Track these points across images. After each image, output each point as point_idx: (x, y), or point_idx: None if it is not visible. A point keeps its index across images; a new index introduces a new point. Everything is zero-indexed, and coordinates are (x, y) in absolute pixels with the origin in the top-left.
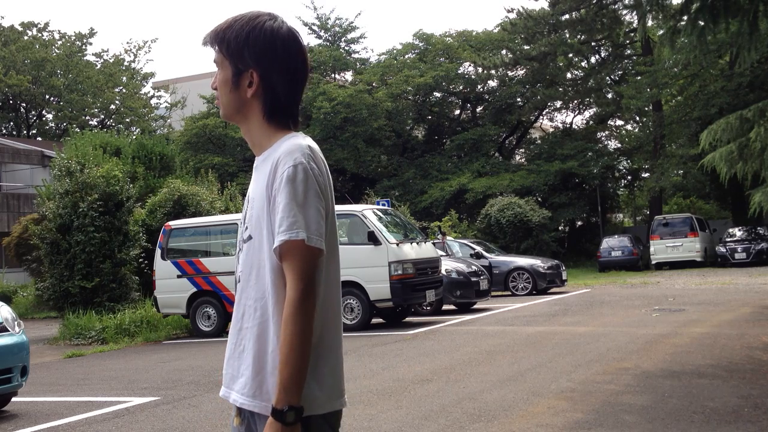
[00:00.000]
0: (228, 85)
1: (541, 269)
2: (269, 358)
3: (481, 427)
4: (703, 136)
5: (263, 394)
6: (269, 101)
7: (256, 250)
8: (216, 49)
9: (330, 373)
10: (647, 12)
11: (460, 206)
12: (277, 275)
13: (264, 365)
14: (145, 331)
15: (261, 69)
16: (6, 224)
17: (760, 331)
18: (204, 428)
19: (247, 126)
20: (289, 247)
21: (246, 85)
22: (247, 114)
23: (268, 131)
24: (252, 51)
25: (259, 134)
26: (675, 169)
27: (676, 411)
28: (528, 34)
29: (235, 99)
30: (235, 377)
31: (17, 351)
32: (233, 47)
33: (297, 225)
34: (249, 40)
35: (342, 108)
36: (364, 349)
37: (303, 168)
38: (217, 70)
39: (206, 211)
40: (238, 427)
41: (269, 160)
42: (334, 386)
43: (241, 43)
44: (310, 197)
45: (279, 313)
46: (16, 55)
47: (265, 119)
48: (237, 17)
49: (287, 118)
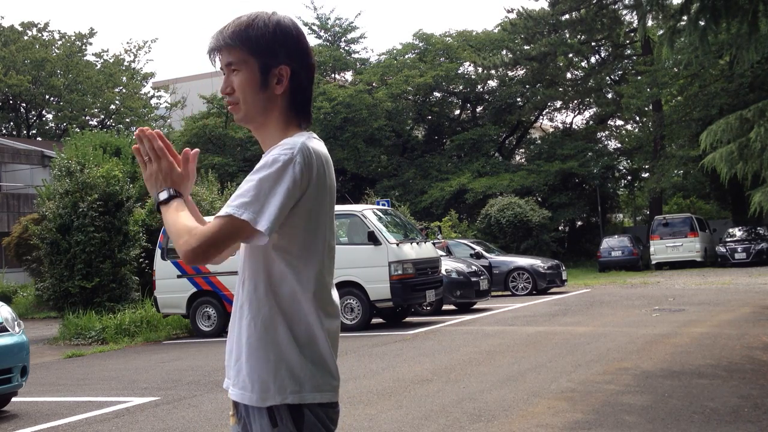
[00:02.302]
0: (255, 85)
1: (541, 269)
2: (245, 344)
3: (481, 427)
4: (703, 136)
5: (240, 381)
6: (298, 97)
7: (256, 251)
8: (239, 49)
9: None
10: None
11: (460, 206)
12: (254, 261)
13: (241, 352)
14: (145, 331)
15: (293, 64)
16: (6, 224)
17: (760, 331)
18: (204, 428)
19: (266, 126)
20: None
21: (274, 82)
22: (270, 113)
23: (283, 130)
24: (284, 46)
25: (274, 133)
26: (675, 170)
27: (676, 411)
28: (528, 34)
29: (262, 98)
30: (229, 368)
31: (17, 351)
32: (263, 44)
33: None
34: (278, 36)
35: (342, 108)
36: (364, 349)
37: (287, 160)
38: (231, 72)
39: (206, 212)
40: (234, 426)
41: None
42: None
43: (270, 39)
44: (275, 187)
45: (256, 299)
46: (16, 55)
47: (287, 117)
48: (247, 17)
49: (307, 115)
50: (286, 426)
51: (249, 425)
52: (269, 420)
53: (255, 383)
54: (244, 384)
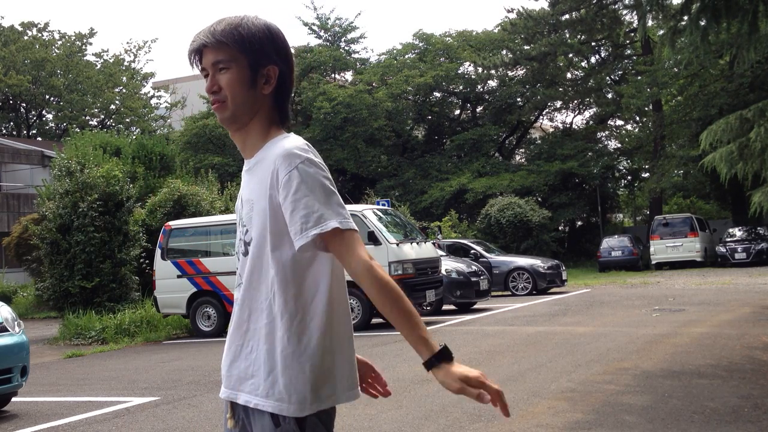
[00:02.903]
0: (245, 84)
1: (541, 269)
2: (279, 357)
3: (481, 427)
4: (704, 136)
5: (276, 393)
6: (282, 98)
7: (260, 251)
8: (229, 47)
9: (340, 369)
10: (647, 12)
11: (460, 206)
12: (282, 275)
13: (275, 365)
14: (145, 331)
15: (281, 64)
16: (6, 224)
17: (760, 331)
18: (204, 428)
19: (249, 127)
20: (330, 237)
21: (262, 82)
22: (256, 113)
23: (266, 131)
24: (273, 46)
25: (257, 135)
26: (675, 170)
27: (676, 411)
28: (528, 34)
29: (250, 98)
30: (244, 378)
31: (17, 351)
32: (255, 43)
33: (324, 217)
34: (268, 36)
35: (342, 108)
36: (364, 349)
37: (310, 161)
38: (218, 71)
39: (206, 211)
40: (232, 429)
41: (266, 161)
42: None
43: (261, 39)
44: (326, 187)
45: (287, 312)
46: (16, 55)
47: (270, 117)
48: (233, 18)
49: (287, 115)
50: (288, 425)
51: (249, 426)
52: (271, 420)
53: (292, 395)
54: (281, 396)
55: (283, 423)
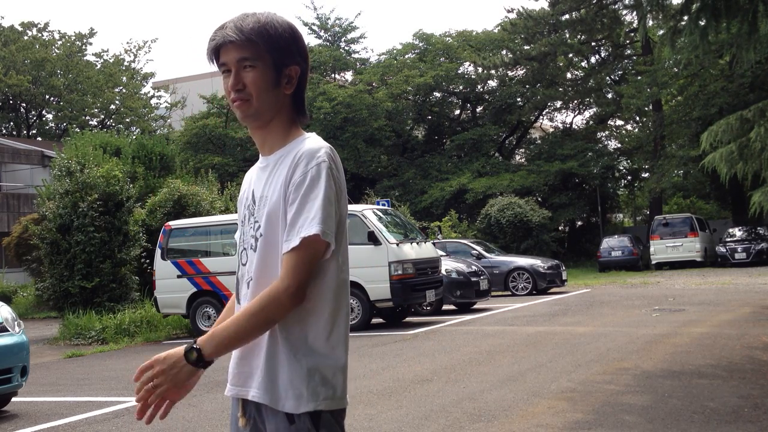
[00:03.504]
0: (270, 83)
1: (541, 269)
2: (281, 355)
3: (481, 427)
4: (704, 137)
5: (276, 390)
6: (301, 98)
7: (270, 249)
8: (258, 45)
9: (343, 369)
10: (647, 12)
11: (460, 206)
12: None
13: (277, 362)
14: (145, 331)
15: (303, 65)
16: (6, 224)
17: (760, 331)
18: (204, 428)
19: (270, 125)
20: (304, 241)
21: (284, 82)
22: (277, 112)
23: (287, 130)
24: (297, 47)
25: (278, 133)
26: (675, 170)
27: (676, 411)
28: (528, 34)
29: (274, 97)
30: (251, 375)
31: (17, 351)
32: (282, 43)
33: (315, 221)
34: (293, 36)
35: (342, 108)
36: (364, 349)
37: (327, 166)
38: (242, 69)
39: (206, 211)
40: (243, 427)
41: (287, 159)
42: (345, 384)
43: (287, 39)
44: (328, 197)
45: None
46: (16, 55)
47: (291, 116)
48: (260, 15)
49: (305, 114)
50: (303, 423)
51: (262, 424)
52: (286, 418)
53: (288, 391)
54: (294, 393)
55: (298, 421)
